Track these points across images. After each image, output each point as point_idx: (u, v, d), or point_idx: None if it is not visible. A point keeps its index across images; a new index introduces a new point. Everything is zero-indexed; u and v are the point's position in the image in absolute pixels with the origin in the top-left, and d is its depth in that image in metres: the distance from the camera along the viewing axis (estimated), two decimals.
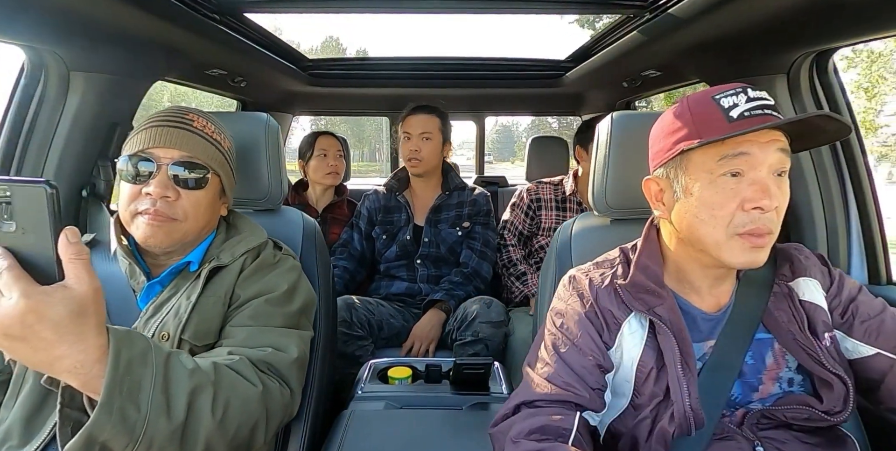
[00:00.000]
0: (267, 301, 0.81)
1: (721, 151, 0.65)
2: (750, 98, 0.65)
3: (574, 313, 0.75)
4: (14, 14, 0.91)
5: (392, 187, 1.81)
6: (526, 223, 1.87)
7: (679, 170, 0.69)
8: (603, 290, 0.76)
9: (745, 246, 0.65)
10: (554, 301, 0.81)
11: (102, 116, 1.16)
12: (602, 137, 0.96)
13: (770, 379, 0.72)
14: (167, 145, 0.79)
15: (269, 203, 1.10)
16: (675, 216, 0.71)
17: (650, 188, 0.75)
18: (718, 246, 0.66)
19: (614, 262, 0.81)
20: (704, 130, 0.66)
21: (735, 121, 0.64)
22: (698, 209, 0.67)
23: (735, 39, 1.20)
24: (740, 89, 0.66)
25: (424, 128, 1.73)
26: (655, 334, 0.71)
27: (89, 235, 0.90)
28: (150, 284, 0.82)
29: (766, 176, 0.64)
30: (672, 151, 0.69)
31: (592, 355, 0.72)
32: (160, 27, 1.16)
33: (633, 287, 0.73)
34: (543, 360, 0.75)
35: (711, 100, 0.66)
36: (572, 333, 0.74)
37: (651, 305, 0.72)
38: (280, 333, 0.79)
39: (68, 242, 0.46)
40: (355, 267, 1.78)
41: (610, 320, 0.74)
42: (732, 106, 0.65)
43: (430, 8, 1.43)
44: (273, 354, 0.74)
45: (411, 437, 0.88)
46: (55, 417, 0.69)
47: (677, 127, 0.69)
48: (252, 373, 0.69)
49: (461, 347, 1.47)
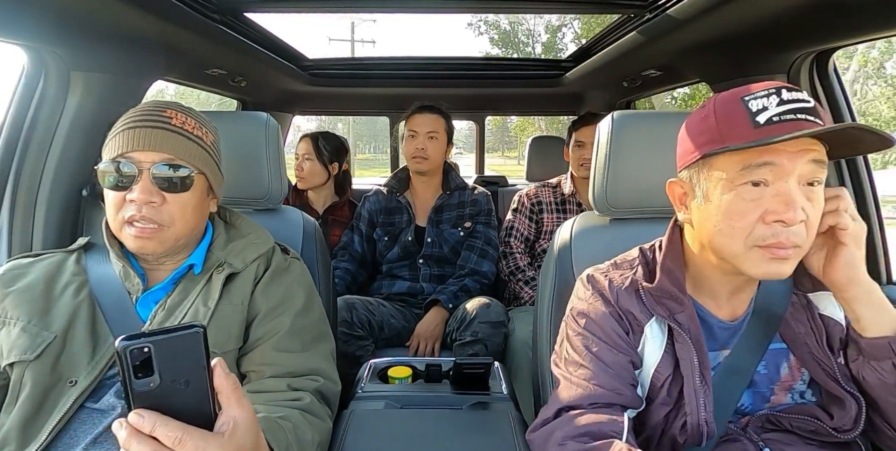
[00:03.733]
0: (296, 316, 0.83)
1: (744, 160, 0.59)
2: (783, 100, 0.58)
3: (598, 312, 0.73)
4: (14, 14, 0.91)
5: (393, 188, 1.80)
6: (532, 228, 1.87)
7: (701, 175, 0.65)
8: (624, 291, 0.73)
9: (765, 257, 0.60)
10: (574, 301, 0.79)
11: (102, 115, 1.16)
12: (602, 136, 0.96)
13: (782, 390, 0.71)
14: (147, 148, 0.75)
15: (269, 203, 1.10)
16: (695, 222, 0.68)
17: (674, 191, 0.72)
18: (736, 257, 0.62)
19: (633, 263, 0.77)
20: (728, 134, 0.60)
21: (761, 127, 0.58)
22: (717, 218, 0.63)
23: (735, 39, 1.20)
24: (773, 90, 0.59)
25: (432, 127, 1.72)
26: (674, 342, 0.69)
27: (84, 238, 0.89)
28: (154, 290, 0.81)
29: (793, 187, 0.59)
30: (695, 155, 0.65)
31: (625, 352, 0.70)
32: (160, 27, 1.16)
33: (658, 291, 0.70)
34: (576, 362, 0.72)
35: (739, 101, 0.61)
36: (601, 331, 0.72)
37: (673, 311, 0.69)
38: (322, 355, 0.85)
39: (225, 374, 0.46)
40: (356, 269, 1.78)
41: (633, 322, 0.72)
42: (761, 109, 0.59)
43: (431, 8, 1.43)
44: (325, 385, 0.81)
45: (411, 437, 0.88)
46: (52, 422, 0.70)
47: (702, 129, 0.64)
48: (322, 411, 0.77)
49: (460, 347, 1.47)
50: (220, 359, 0.46)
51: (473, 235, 1.76)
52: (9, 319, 0.76)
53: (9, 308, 0.77)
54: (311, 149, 1.96)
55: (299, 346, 0.82)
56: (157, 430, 0.42)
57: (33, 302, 0.77)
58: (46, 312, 0.77)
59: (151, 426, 0.42)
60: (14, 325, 0.75)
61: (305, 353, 0.82)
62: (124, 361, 0.41)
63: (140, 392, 0.42)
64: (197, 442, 0.43)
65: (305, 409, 0.73)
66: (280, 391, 0.75)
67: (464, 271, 1.71)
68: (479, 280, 1.71)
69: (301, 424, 0.70)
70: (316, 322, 0.88)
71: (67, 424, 0.71)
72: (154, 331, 0.42)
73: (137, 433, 0.42)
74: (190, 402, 0.44)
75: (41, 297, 0.78)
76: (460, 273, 1.71)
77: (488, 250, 1.75)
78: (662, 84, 1.90)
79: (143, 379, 0.42)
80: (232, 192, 1.03)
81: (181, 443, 0.42)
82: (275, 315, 0.83)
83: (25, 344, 0.73)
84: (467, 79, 2.25)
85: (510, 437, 0.86)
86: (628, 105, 2.35)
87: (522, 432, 0.89)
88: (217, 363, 0.46)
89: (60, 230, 1.14)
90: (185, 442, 0.42)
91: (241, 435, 0.46)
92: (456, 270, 1.74)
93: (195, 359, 0.43)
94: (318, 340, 0.87)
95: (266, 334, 0.81)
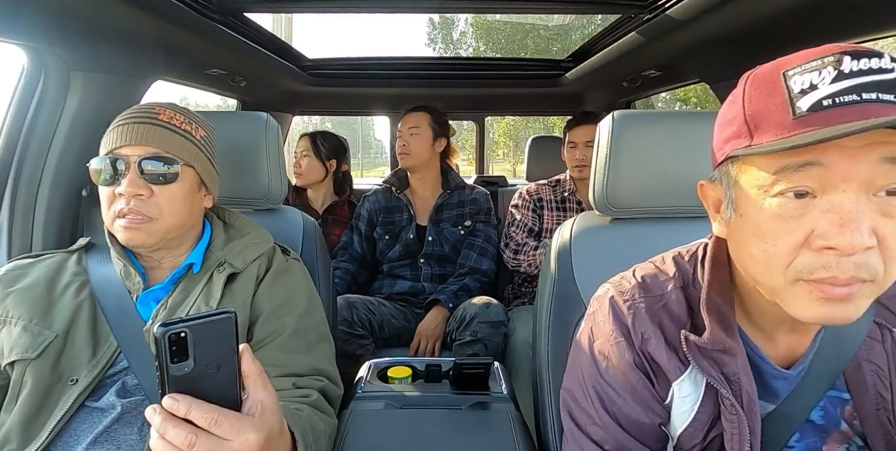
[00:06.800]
0: (299, 317, 0.84)
1: (779, 160, 0.42)
2: (843, 73, 0.40)
3: (620, 357, 0.58)
4: (14, 14, 0.91)
5: (393, 184, 1.82)
6: (536, 221, 1.86)
7: (729, 178, 0.49)
8: (651, 332, 0.56)
9: (813, 296, 0.43)
10: (589, 329, 0.63)
11: (102, 115, 1.16)
12: (603, 136, 0.96)
13: (836, 444, 0.55)
14: (133, 143, 0.77)
15: (268, 203, 1.10)
16: (730, 240, 0.52)
17: (706, 195, 0.55)
18: (775, 293, 0.46)
19: (665, 286, 0.58)
20: (757, 127, 0.44)
21: (805, 115, 0.41)
22: (748, 239, 0.46)
23: (735, 39, 1.20)
24: (832, 58, 0.40)
25: (413, 122, 1.76)
26: (713, 399, 0.54)
27: (84, 238, 0.89)
28: (153, 289, 0.81)
29: (853, 199, 0.41)
30: (721, 153, 0.49)
31: (651, 411, 0.56)
32: (160, 27, 1.16)
33: (709, 344, 0.52)
34: (590, 415, 0.59)
35: (779, 77, 0.43)
36: (622, 384, 0.57)
37: (721, 364, 0.52)
38: (325, 357, 0.86)
39: (252, 359, 0.47)
40: (357, 269, 1.79)
41: (659, 373, 0.56)
42: (808, 88, 0.41)
43: (431, 8, 1.43)
44: (328, 385, 0.81)
45: (411, 437, 0.88)
46: (53, 420, 0.70)
47: (730, 118, 0.48)
48: (329, 409, 0.78)
49: (460, 347, 1.47)
50: (246, 345, 0.47)
51: (473, 233, 1.77)
52: (10, 318, 0.76)
53: (10, 308, 0.77)
54: (309, 146, 1.98)
55: (304, 347, 0.82)
56: (192, 413, 0.42)
57: (34, 302, 0.77)
58: (48, 311, 0.77)
59: (187, 409, 0.42)
60: (15, 324, 0.76)
61: (309, 354, 0.83)
62: (163, 345, 0.42)
63: (175, 377, 0.43)
64: (232, 423, 0.43)
65: (314, 405, 0.74)
66: (287, 390, 0.76)
67: (463, 270, 1.72)
68: (479, 278, 1.72)
69: (313, 415, 0.71)
70: (318, 323, 0.89)
71: (68, 423, 0.71)
72: (189, 317, 0.43)
73: (172, 417, 0.42)
74: (219, 386, 0.45)
75: (42, 296, 0.78)
76: (460, 272, 1.72)
77: (488, 248, 1.76)
78: (662, 84, 1.90)
79: (178, 364, 0.43)
80: (231, 192, 1.03)
81: (217, 424, 0.43)
82: (278, 316, 0.83)
83: (27, 343, 0.73)
84: (467, 79, 2.25)
85: (510, 437, 0.86)
86: (628, 105, 2.35)
87: (522, 432, 0.89)
88: (244, 349, 0.46)
89: (60, 231, 1.14)
90: (222, 423, 0.43)
91: (268, 417, 0.47)
92: (456, 269, 1.74)
93: (227, 344, 0.44)
94: (321, 341, 0.88)
95: (270, 335, 0.81)
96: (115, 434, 0.71)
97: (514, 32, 16.91)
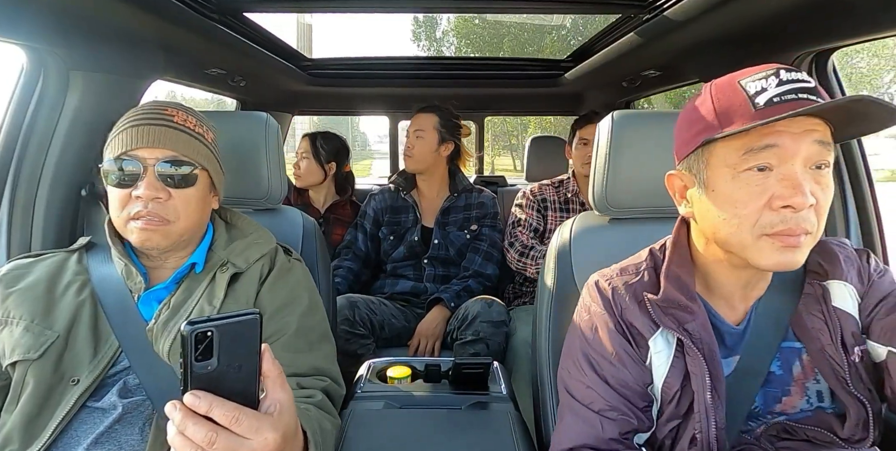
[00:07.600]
0: (301, 316, 0.84)
1: (746, 144, 0.57)
2: (782, 81, 0.56)
3: (603, 326, 0.70)
4: (14, 14, 0.91)
5: (399, 185, 1.81)
6: (541, 221, 1.85)
7: (701, 163, 0.62)
8: (628, 301, 0.69)
9: (775, 246, 0.57)
10: (579, 312, 0.75)
11: (102, 115, 1.16)
12: (603, 136, 0.96)
13: (797, 391, 0.67)
14: (151, 145, 0.77)
15: (268, 203, 1.10)
16: (698, 215, 0.65)
17: (673, 184, 0.69)
18: (744, 248, 0.59)
19: (640, 267, 0.73)
20: (727, 119, 0.58)
21: (762, 108, 0.56)
22: (721, 207, 0.60)
23: (734, 39, 1.20)
24: (772, 71, 0.57)
25: (418, 125, 1.74)
26: (683, 354, 0.65)
27: (85, 238, 0.89)
28: (155, 289, 0.81)
29: (799, 170, 0.56)
30: (693, 144, 0.62)
31: (635, 372, 0.67)
32: (160, 27, 1.16)
33: (664, 302, 0.66)
34: (583, 382, 0.69)
35: (737, 85, 0.59)
36: (609, 350, 0.68)
37: (682, 321, 0.65)
38: (327, 357, 0.86)
39: (272, 359, 0.47)
40: (359, 268, 1.78)
41: (637, 335, 0.68)
42: (760, 91, 0.57)
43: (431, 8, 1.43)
44: (331, 385, 0.82)
45: (410, 436, 0.88)
46: (55, 420, 0.70)
47: (699, 116, 0.62)
48: (331, 407, 0.78)
49: (461, 346, 1.47)
50: (267, 345, 0.47)
51: (479, 237, 1.77)
52: (11, 318, 0.76)
53: (11, 308, 0.77)
54: (309, 147, 1.96)
55: (306, 346, 0.83)
56: (213, 410, 0.43)
57: (35, 302, 0.77)
58: (49, 311, 0.77)
59: (208, 407, 0.42)
60: (17, 324, 0.75)
61: (312, 353, 0.83)
62: (189, 344, 0.42)
63: (198, 375, 0.43)
64: (252, 421, 0.44)
65: (318, 405, 0.74)
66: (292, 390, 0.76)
67: (468, 273, 1.71)
68: (483, 282, 1.71)
69: (319, 414, 0.72)
70: (320, 323, 0.89)
71: (69, 423, 0.72)
72: (215, 316, 0.44)
73: (193, 414, 0.43)
74: (239, 385, 0.45)
75: (43, 296, 0.78)
76: (464, 275, 1.71)
77: (493, 253, 1.76)
78: (662, 84, 1.90)
79: (202, 362, 0.43)
80: (231, 191, 1.03)
81: (237, 422, 0.43)
82: (281, 316, 0.83)
83: (29, 343, 0.73)
84: (467, 79, 2.25)
85: (509, 437, 0.86)
86: (628, 105, 2.35)
87: (522, 432, 0.89)
88: (265, 349, 0.47)
89: (59, 230, 1.14)
90: (242, 422, 0.43)
91: (286, 417, 0.48)
92: (460, 271, 1.74)
93: (251, 344, 0.45)
94: (323, 340, 0.88)
95: (273, 335, 0.81)
96: (117, 434, 0.71)
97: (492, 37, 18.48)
